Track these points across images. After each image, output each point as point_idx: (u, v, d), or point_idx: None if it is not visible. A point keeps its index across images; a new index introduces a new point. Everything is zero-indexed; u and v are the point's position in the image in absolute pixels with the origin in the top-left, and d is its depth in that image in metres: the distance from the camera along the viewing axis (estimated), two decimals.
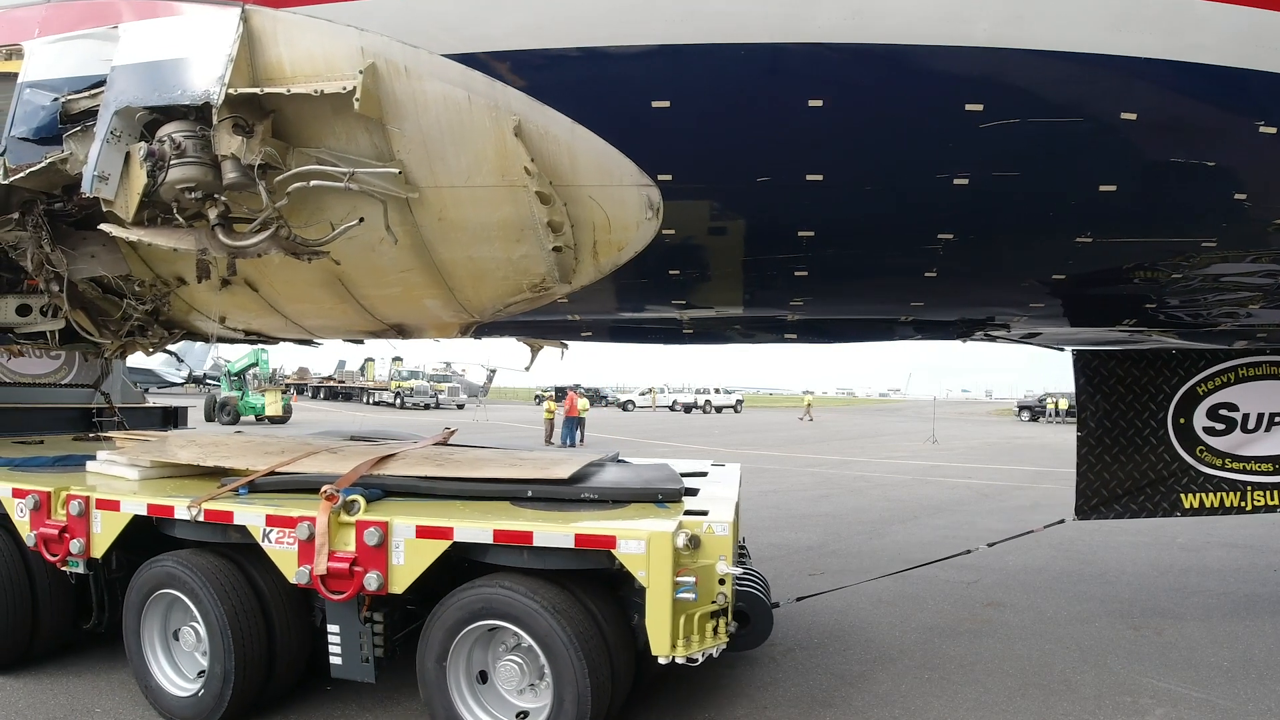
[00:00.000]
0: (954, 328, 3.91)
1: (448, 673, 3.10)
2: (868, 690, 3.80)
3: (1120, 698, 3.73)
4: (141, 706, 3.55)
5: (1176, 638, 4.58)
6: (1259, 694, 3.79)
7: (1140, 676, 3.98)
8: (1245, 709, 3.64)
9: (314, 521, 3.05)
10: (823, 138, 2.79)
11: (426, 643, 3.13)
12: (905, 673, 4.02)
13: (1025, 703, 3.68)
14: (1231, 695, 3.77)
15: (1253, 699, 3.74)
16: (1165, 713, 3.57)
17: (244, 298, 3.93)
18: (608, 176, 2.98)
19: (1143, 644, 4.47)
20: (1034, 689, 3.83)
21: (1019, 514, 9.55)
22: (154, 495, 3.48)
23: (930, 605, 5.14)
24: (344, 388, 43.08)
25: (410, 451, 3.98)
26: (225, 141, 2.89)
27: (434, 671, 3.10)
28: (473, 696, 3.13)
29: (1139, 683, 3.90)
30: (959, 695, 3.75)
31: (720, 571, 2.99)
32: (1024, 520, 9.21)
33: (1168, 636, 4.60)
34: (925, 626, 4.73)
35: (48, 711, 3.53)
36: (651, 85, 2.76)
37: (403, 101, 2.94)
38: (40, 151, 3.29)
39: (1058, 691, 3.80)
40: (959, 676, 3.98)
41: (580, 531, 2.90)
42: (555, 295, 3.54)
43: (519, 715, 3.08)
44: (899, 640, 4.49)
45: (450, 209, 3.20)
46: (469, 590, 3.06)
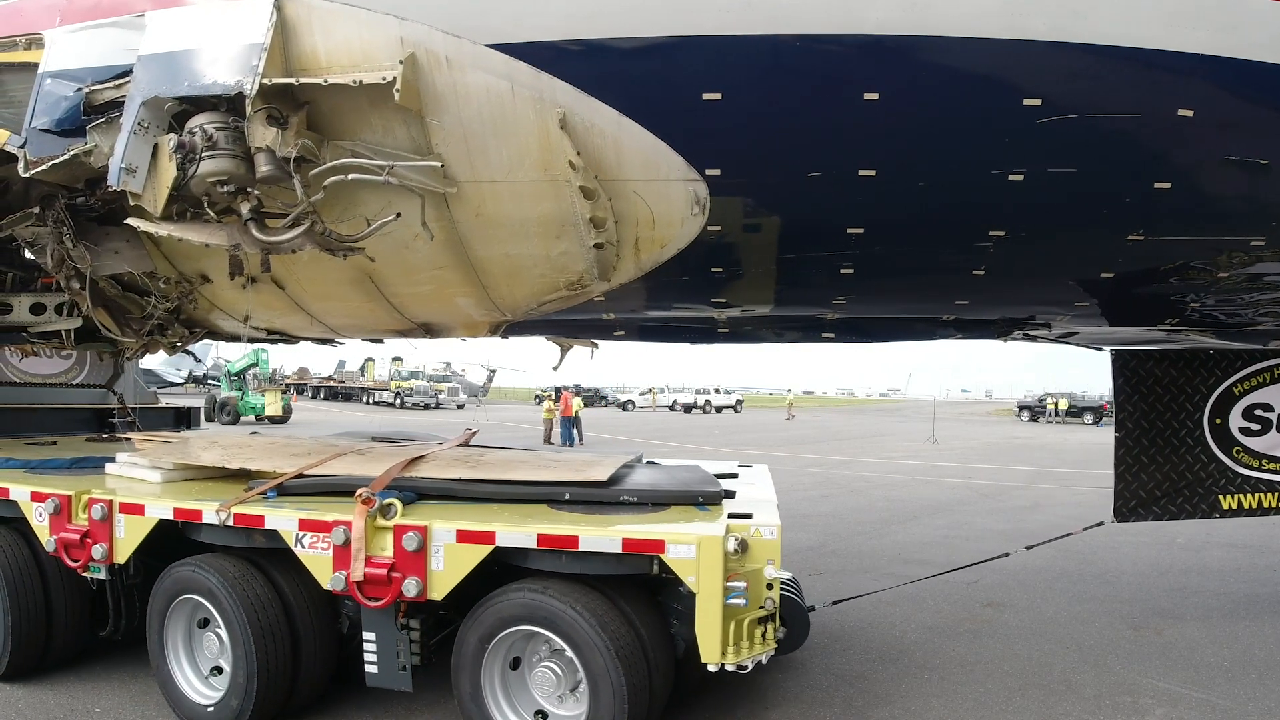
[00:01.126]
0: (994, 327, 3.85)
1: (482, 679, 3.02)
2: (868, 690, 3.76)
3: (1120, 698, 3.71)
4: (141, 707, 3.51)
5: (1176, 638, 4.56)
6: (1259, 694, 3.78)
7: (1140, 676, 3.96)
8: (1245, 709, 3.62)
9: (350, 526, 2.96)
10: (877, 132, 2.73)
11: (461, 649, 3.04)
12: (905, 673, 4.00)
13: (1025, 703, 3.65)
14: (1231, 695, 3.75)
15: (1253, 699, 3.72)
16: (1165, 713, 3.56)
17: (269, 295, 3.83)
18: (654, 171, 2.90)
19: (1143, 644, 4.46)
20: (1034, 689, 3.81)
21: (1019, 514, 9.55)
22: (179, 498, 3.37)
23: (930, 605, 5.09)
24: (344, 388, 42.78)
25: (439, 453, 3.89)
26: (259, 133, 2.79)
27: (469, 677, 3.01)
28: (508, 703, 3.05)
29: (1139, 683, 3.88)
30: (959, 695, 3.73)
31: (769, 576, 2.92)
32: (1024, 520, 9.21)
33: (1168, 636, 4.59)
34: (925, 626, 4.69)
35: (47, 711, 3.48)
36: (703, 77, 2.69)
37: (443, 93, 2.85)
38: (62, 144, 3.18)
39: (1058, 691, 3.78)
40: (959, 676, 3.96)
41: (628, 536, 2.82)
42: (592, 294, 3.46)
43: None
44: (899, 640, 4.45)
45: (489, 204, 3.11)
46: (506, 595, 2.98)
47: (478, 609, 3.01)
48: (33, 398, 5.96)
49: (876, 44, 2.57)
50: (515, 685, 3.07)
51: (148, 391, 7.01)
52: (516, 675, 3.09)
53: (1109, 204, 2.95)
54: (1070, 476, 13.82)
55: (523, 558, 3.01)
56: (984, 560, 4.73)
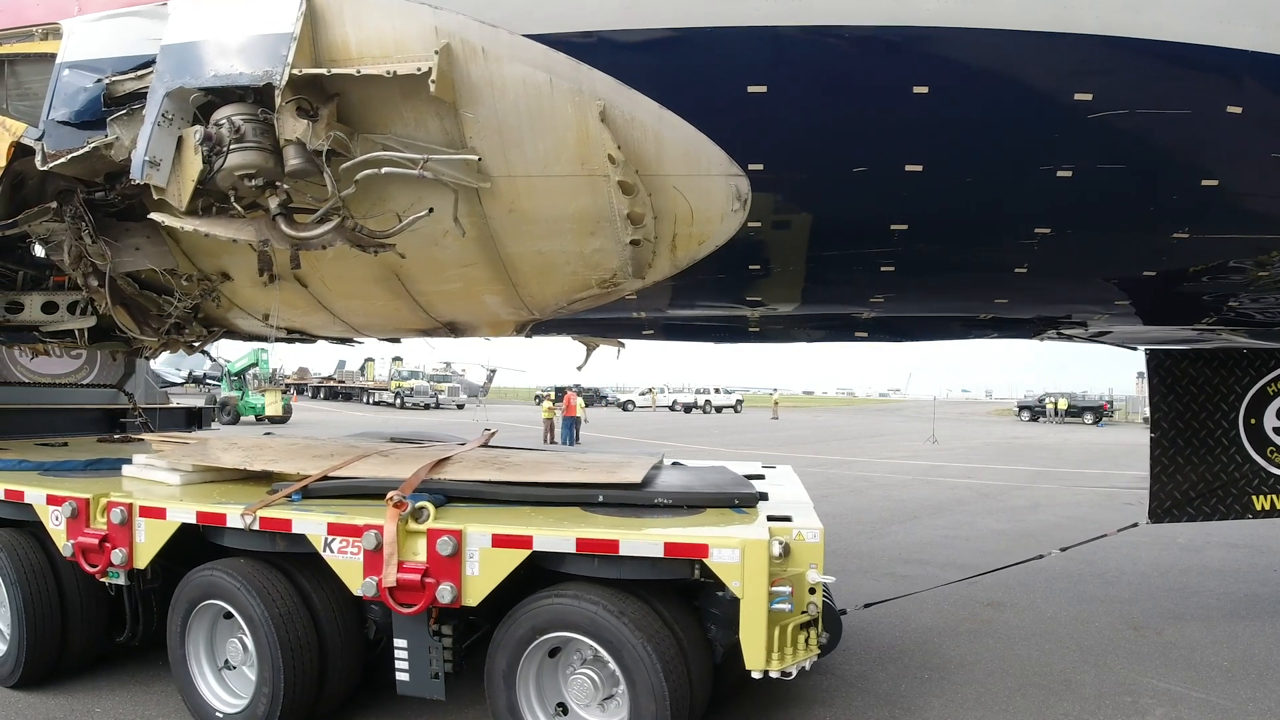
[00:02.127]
0: (1030, 326, 3.79)
1: (517, 687, 2.94)
2: (868, 690, 3.73)
3: (1120, 698, 3.70)
4: (141, 708, 3.45)
5: (1176, 638, 4.55)
6: (1259, 694, 3.77)
7: (1140, 676, 3.95)
8: (1245, 709, 3.61)
9: (381, 530, 2.87)
10: (926, 127, 2.67)
11: (495, 656, 2.97)
12: (905, 673, 3.97)
13: (1025, 703, 3.64)
14: (1231, 695, 3.74)
15: (1253, 699, 3.71)
16: (1165, 713, 3.55)
17: (291, 294, 3.74)
18: (695, 165, 2.83)
19: (1143, 644, 4.45)
20: (1034, 689, 3.80)
21: (1020, 514, 9.53)
22: (202, 502, 3.28)
23: (930, 605, 5.05)
24: (344, 388, 42.58)
25: (464, 454, 3.80)
26: (290, 125, 2.71)
27: (503, 686, 2.94)
28: (543, 711, 2.98)
29: (1139, 683, 3.87)
30: (959, 695, 3.71)
31: (811, 580, 2.85)
32: (1024, 520, 9.18)
33: (1168, 636, 4.57)
34: (925, 626, 4.66)
35: (47, 711, 3.44)
36: (748, 69, 2.62)
37: (478, 85, 2.77)
38: (81, 136, 3.10)
39: (1058, 691, 3.77)
40: (959, 676, 3.94)
41: (670, 540, 2.75)
42: (624, 292, 3.38)
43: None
44: (899, 640, 4.41)
45: (523, 200, 3.03)
46: (542, 600, 2.90)
47: (513, 615, 2.93)
48: (42, 398, 5.84)
49: (928, 36, 2.51)
50: (550, 693, 2.99)
51: (158, 391, 6.90)
52: (552, 682, 3.01)
53: (1155, 201, 2.90)
54: (1070, 476, 13.86)
55: (557, 562, 2.94)
56: (1017, 563, 4.69)
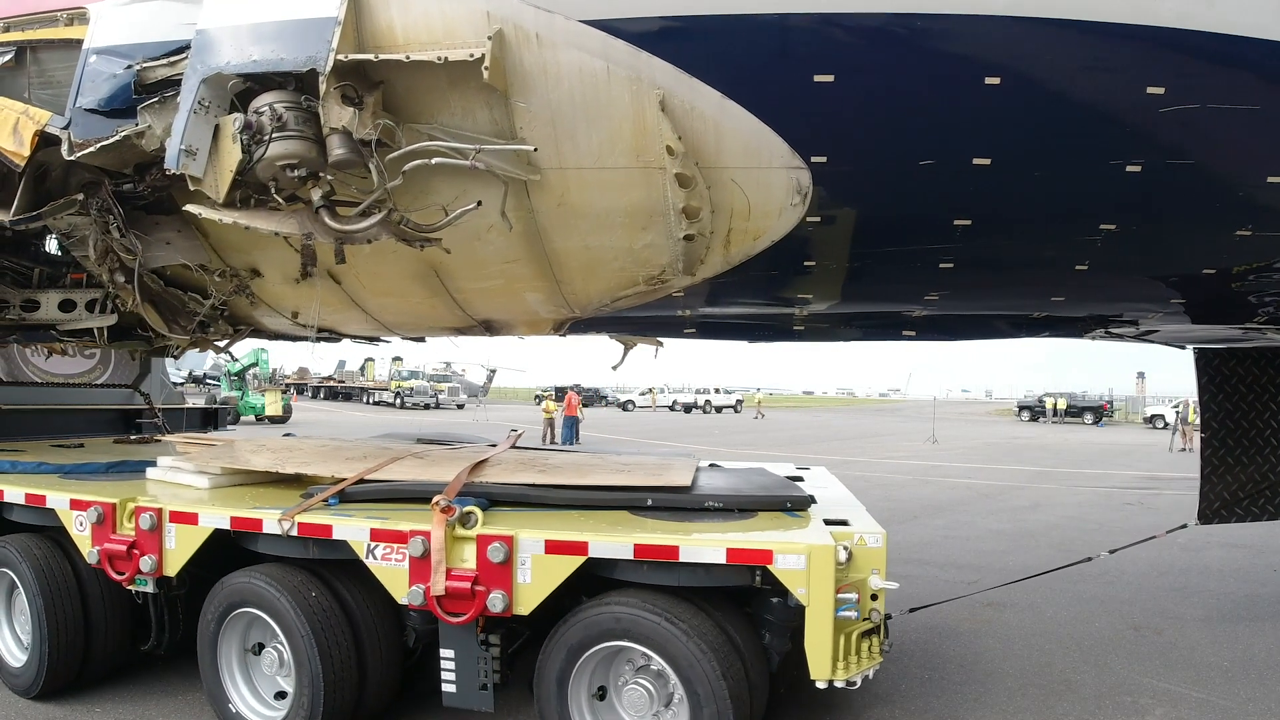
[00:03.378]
0: (1081, 324, 3.72)
1: (569, 698, 2.84)
2: (868, 690, 3.68)
3: (1120, 698, 3.69)
4: (141, 708, 3.42)
5: (1176, 638, 4.55)
6: (1259, 694, 3.76)
7: (1140, 676, 3.94)
8: (1245, 709, 3.60)
9: (429, 536, 2.76)
10: (996, 119, 2.58)
11: (545, 665, 2.86)
12: (905, 673, 3.94)
13: (1025, 703, 3.61)
14: (1231, 695, 3.73)
15: (1253, 699, 3.71)
16: (1165, 713, 3.53)
17: (324, 291, 3.61)
18: (755, 157, 2.73)
19: (1143, 644, 4.44)
20: (1034, 689, 3.77)
21: (1020, 514, 9.51)
22: (235, 506, 3.16)
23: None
24: (344, 388, 42.30)
25: (502, 456, 3.69)
26: (335, 113, 2.59)
27: (554, 697, 2.83)
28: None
29: (1139, 683, 3.87)
30: (959, 695, 3.67)
31: (874, 586, 2.77)
32: (1024, 520, 9.16)
33: (1168, 636, 4.57)
34: (925, 626, 4.62)
35: (47, 712, 3.40)
36: (815, 57, 2.52)
37: (531, 73, 2.66)
38: (110, 125, 2.96)
39: (1058, 691, 3.74)
40: (959, 676, 3.91)
41: (734, 545, 2.65)
42: (671, 289, 3.28)
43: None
44: (899, 640, 4.37)
45: (573, 193, 2.92)
46: (595, 608, 2.80)
47: (565, 623, 2.83)
48: (56, 398, 5.68)
49: (1001, 24, 2.43)
50: (601, 704, 2.89)
51: (174, 392, 6.74)
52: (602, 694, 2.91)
53: (1223, 197, 2.82)
54: (1070, 476, 13.88)
55: (609, 568, 2.84)
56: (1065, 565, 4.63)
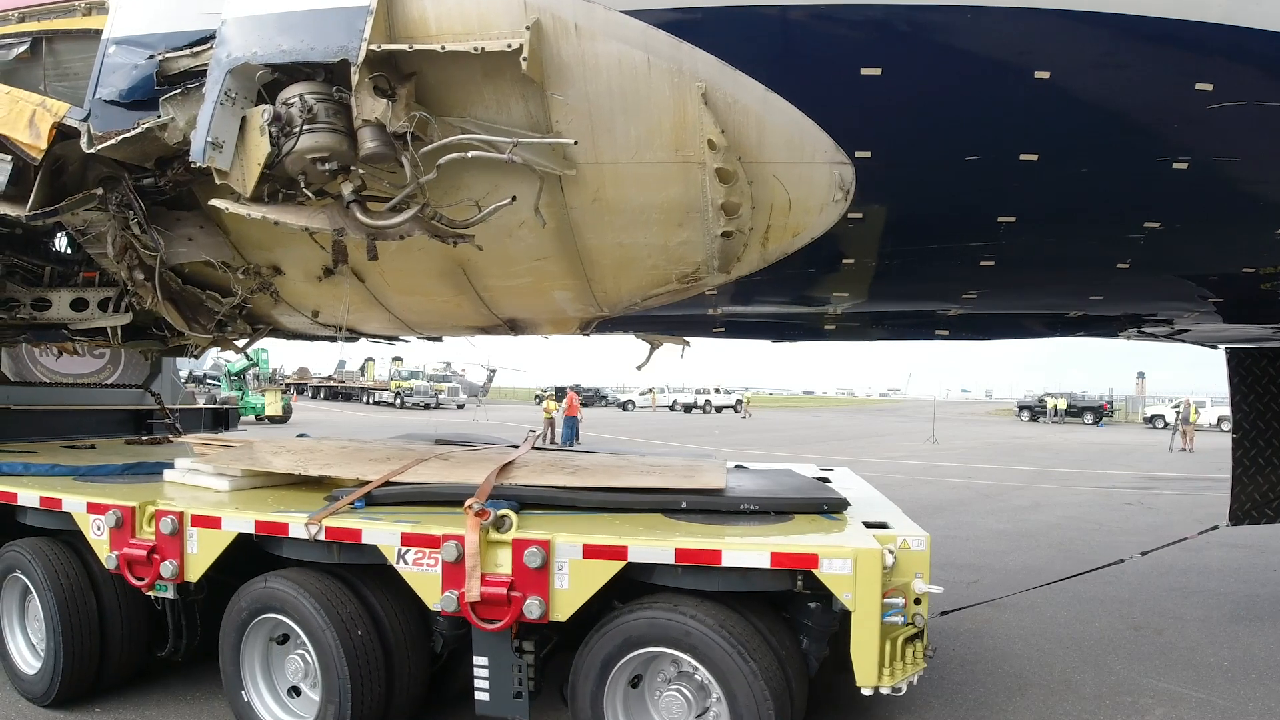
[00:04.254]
0: (1115, 324, 3.67)
1: (604, 706, 2.77)
2: None
3: (1120, 698, 3.67)
4: (158, 716, 3.39)
5: (1176, 638, 4.55)
6: (1259, 694, 3.75)
7: (1140, 676, 3.94)
8: (1245, 709, 3.59)
9: (462, 540, 2.69)
10: (1045, 114, 2.53)
11: (580, 672, 2.79)
12: None
13: (1025, 703, 3.59)
14: (1231, 695, 3.72)
15: (1253, 699, 3.70)
16: (1165, 713, 3.52)
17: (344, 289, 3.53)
18: (798, 152, 2.66)
19: (1143, 644, 4.43)
20: (1034, 689, 3.76)
21: (1020, 514, 9.50)
22: (259, 510, 3.08)
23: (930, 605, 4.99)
24: (344, 388, 42.14)
25: (529, 458, 3.62)
26: (369, 105, 2.51)
27: (589, 704, 2.76)
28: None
29: (1139, 683, 3.87)
30: (959, 695, 3.64)
31: (918, 590, 2.71)
32: (1024, 520, 9.15)
33: (1168, 636, 4.57)
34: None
35: (47, 713, 3.39)
36: (863, 49, 2.46)
37: (569, 64, 2.59)
38: (131, 117, 2.88)
39: (1058, 691, 3.72)
40: (959, 676, 3.89)
41: (778, 550, 2.58)
42: (705, 287, 3.21)
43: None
44: None
45: (609, 188, 2.85)
46: (633, 614, 2.73)
47: (601, 629, 2.76)
48: (64, 398, 5.57)
49: (1052, 18, 2.38)
50: (638, 711, 2.82)
51: (185, 392, 6.62)
52: (638, 699, 2.84)
53: (1267, 195, 2.78)
54: (1070, 476, 13.90)
55: (645, 573, 2.77)
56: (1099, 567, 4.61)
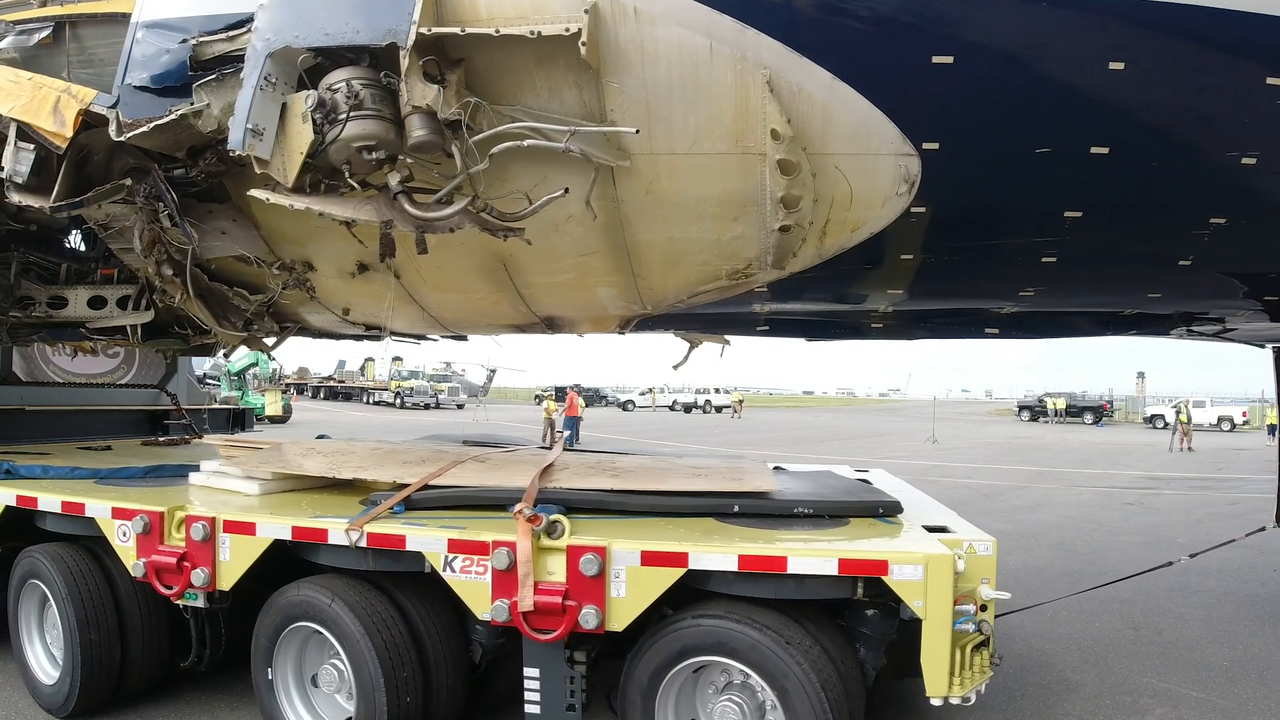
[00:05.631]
0: (1167, 322, 3.60)
1: (655, 717, 2.67)
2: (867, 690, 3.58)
3: (1120, 698, 3.65)
4: (140, 708, 3.34)
5: (1176, 638, 4.54)
6: (1259, 694, 3.73)
7: (1140, 676, 3.93)
8: (1245, 709, 3.57)
9: (514, 547, 2.57)
10: (1118, 106, 2.45)
11: (630, 681, 2.69)
12: None
13: (1025, 703, 3.56)
14: (1231, 695, 3.70)
15: (1253, 699, 3.69)
16: (1165, 713, 3.51)
17: (380, 286, 3.40)
18: (863, 143, 2.57)
19: (1143, 644, 4.41)
20: (1034, 689, 3.74)
21: (1020, 513, 9.46)
22: (294, 515, 2.95)
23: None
24: (344, 387, 41.90)
25: (567, 460, 3.51)
26: (419, 91, 2.40)
27: (640, 716, 2.66)
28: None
29: (1139, 683, 3.85)
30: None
31: (985, 596, 2.62)
32: (1024, 520, 9.11)
33: (1168, 636, 4.56)
34: None
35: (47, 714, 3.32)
36: (935, 36, 2.37)
37: (627, 50, 2.49)
38: (163, 104, 2.75)
39: (1058, 691, 3.70)
40: None
41: (846, 556, 2.49)
42: (755, 283, 3.11)
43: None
44: None
45: (663, 180, 2.75)
46: (687, 622, 2.62)
47: (652, 638, 2.65)
48: (77, 399, 5.41)
49: (1127, 7, 2.30)
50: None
51: (200, 392, 6.46)
52: (689, 709, 2.74)
53: None
54: (1070, 476, 13.91)
55: (701, 579, 2.67)
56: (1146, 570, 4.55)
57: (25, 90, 2.91)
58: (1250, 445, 23.15)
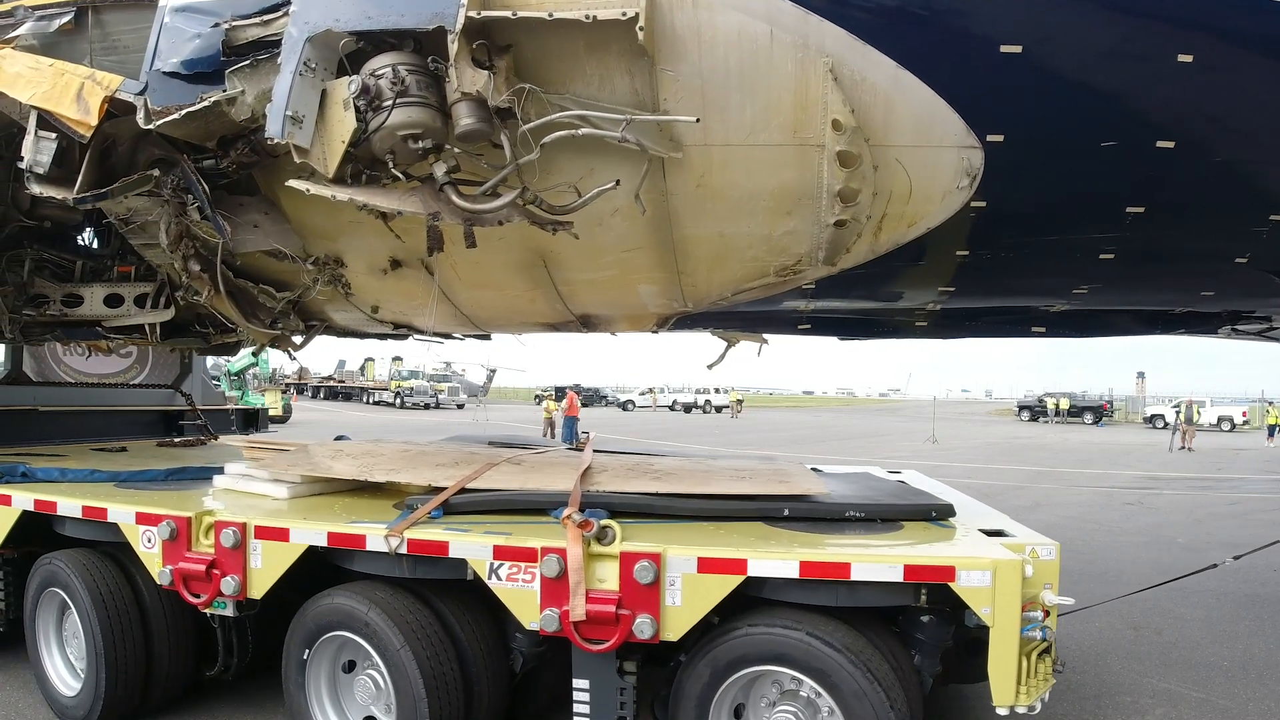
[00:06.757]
0: (1215, 320, 3.54)
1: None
2: None
3: (1120, 698, 3.64)
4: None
5: (1176, 638, 4.52)
6: (1259, 694, 3.71)
7: (1140, 676, 3.90)
8: (1245, 709, 3.54)
9: (564, 554, 2.47)
10: (1186, 99, 2.38)
11: (682, 693, 2.59)
12: None
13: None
14: (1231, 695, 3.69)
15: (1253, 699, 3.65)
16: (1165, 713, 3.50)
17: (411, 283, 3.29)
18: (926, 135, 2.48)
19: (1143, 644, 4.39)
20: None
21: (1020, 514, 9.30)
22: (329, 520, 2.84)
23: None
24: (344, 387, 41.65)
25: (605, 462, 3.41)
26: (468, 77, 2.29)
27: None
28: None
29: (1139, 683, 3.83)
30: (958, 695, 3.55)
31: (1047, 602, 2.54)
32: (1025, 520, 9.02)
33: (1168, 636, 4.54)
34: None
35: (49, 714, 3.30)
36: (1005, 25, 2.29)
37: (683, 36, 2.39)
38: (193, 91, 2.64)
39: (1058, 691, 3.64)
40: None
41: (912, 562, 2.40)
42: (803, 280, 3.02)
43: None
44: None
45: (716, 173, 2.66)
46: (744, 630, 2.53)
47: (707, 647, 2.56)
48: (89, 399, 5.26)
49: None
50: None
51: (215, 392, 6.32)
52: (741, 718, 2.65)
53: None
54: (1070, 476, 13.88)
55: (756, 586, 2.58)
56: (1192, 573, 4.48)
57: (46, 77, 2.78)
58: (1250, 445, 23.28)
